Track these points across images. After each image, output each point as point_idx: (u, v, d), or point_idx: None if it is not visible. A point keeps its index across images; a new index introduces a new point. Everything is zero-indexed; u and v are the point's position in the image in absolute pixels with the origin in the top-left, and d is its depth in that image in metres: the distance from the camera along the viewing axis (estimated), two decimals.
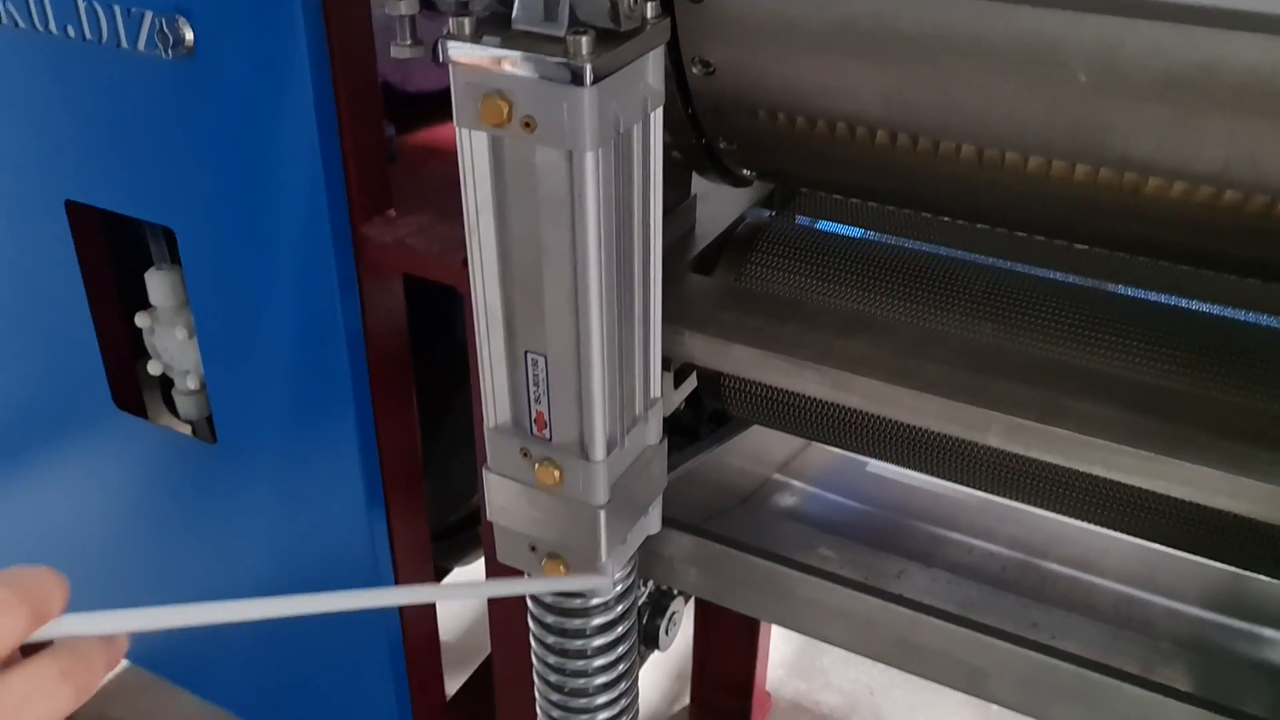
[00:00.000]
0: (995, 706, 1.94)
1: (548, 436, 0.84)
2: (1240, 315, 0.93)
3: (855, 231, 1.13)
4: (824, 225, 1.14)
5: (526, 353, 0.82)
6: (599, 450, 0.83)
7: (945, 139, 0.82)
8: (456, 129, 0.74)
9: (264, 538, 1.29)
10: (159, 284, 1.22)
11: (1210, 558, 1.01)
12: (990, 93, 0.77)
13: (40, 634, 0.50)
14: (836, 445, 1.12)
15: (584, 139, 0.70)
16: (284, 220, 1.04)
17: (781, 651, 1.99)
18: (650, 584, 1.16)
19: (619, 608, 0.98)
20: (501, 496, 0.89)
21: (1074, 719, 0.93)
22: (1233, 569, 1.13)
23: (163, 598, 1.48)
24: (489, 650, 1.31)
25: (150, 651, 1.57)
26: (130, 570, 1.48)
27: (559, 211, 0.74)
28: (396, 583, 1.27)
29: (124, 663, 1.92)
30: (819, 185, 1.06)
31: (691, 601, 1.77)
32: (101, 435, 1.36)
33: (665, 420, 0.99)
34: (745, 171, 1.00)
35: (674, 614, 1.19)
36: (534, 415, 0.84)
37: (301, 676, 1.41)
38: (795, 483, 1.34)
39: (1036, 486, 0.99)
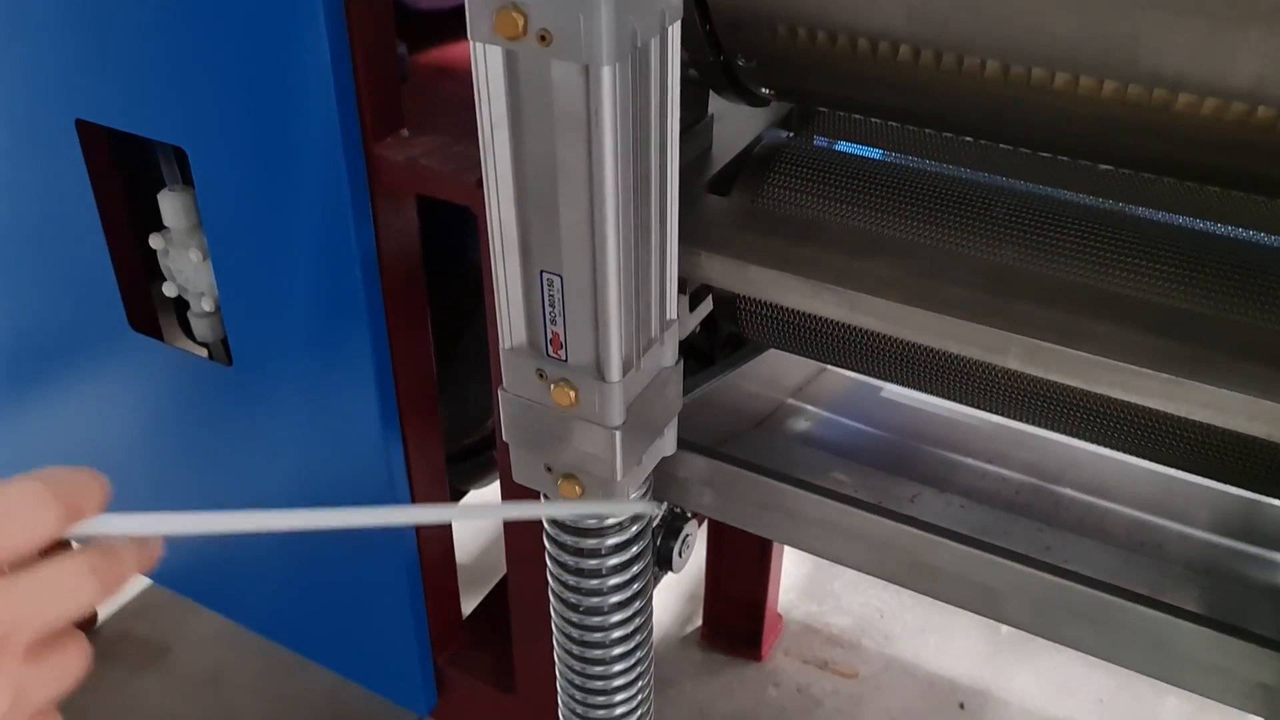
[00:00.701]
0: (1004, 628, 1.96)
1: (563, 357, 0.84)
2: (1265, 239, 0.92)
3: (875, 153, 1.11)
4: (843, 146, 1.12)
5: (542, 273, 0.81)
6: (615, 371, 0.83)
7: (970, 55, 0.80)
8: (471, 43, 0.73)
9: (281, 460, 1.30)
10: (172, 205, 1.21)
11: (1227, 482, 1.01)
12: (1017, 5, 0.75)
13: (73, 531, 0.51)
14: (853, 369, 1.12)
15: (600, 52, 0.69)
16: (296, 140, 1.03)
17: (793, 575, 2.01)
18: (664, 506, 1.16)
19: (634, 528, 0.98)
20: (517, 418, 0.89)
21: (1085, 640, 0.94)
22: (1247, 494, 1.13)
23: (172, 509, 1.49)
24: (505, 571, 1.32)
25: (173, 570, 1.59)
26: (147, 494, 1.49)
27: (575, 128, 0.73)
28: (414, 503, 1.28)
29: (146, 581, 1.96)
30: (839, 104, 1.04)
31: (704, 524, 1.79)
32: (117, 358, 1.36)
33: (681, 344, 0.98)
34: (763, 90, 0.98)
35: (687, 536, 1.19)
36: (550, 336, 0.84)
37: (321, 595, 1.43)
38: (809, 407, 1.34)
39: (1055, 410, 0.99)
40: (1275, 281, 0.86)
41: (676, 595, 2.00)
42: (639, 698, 1.11)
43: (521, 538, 1.21)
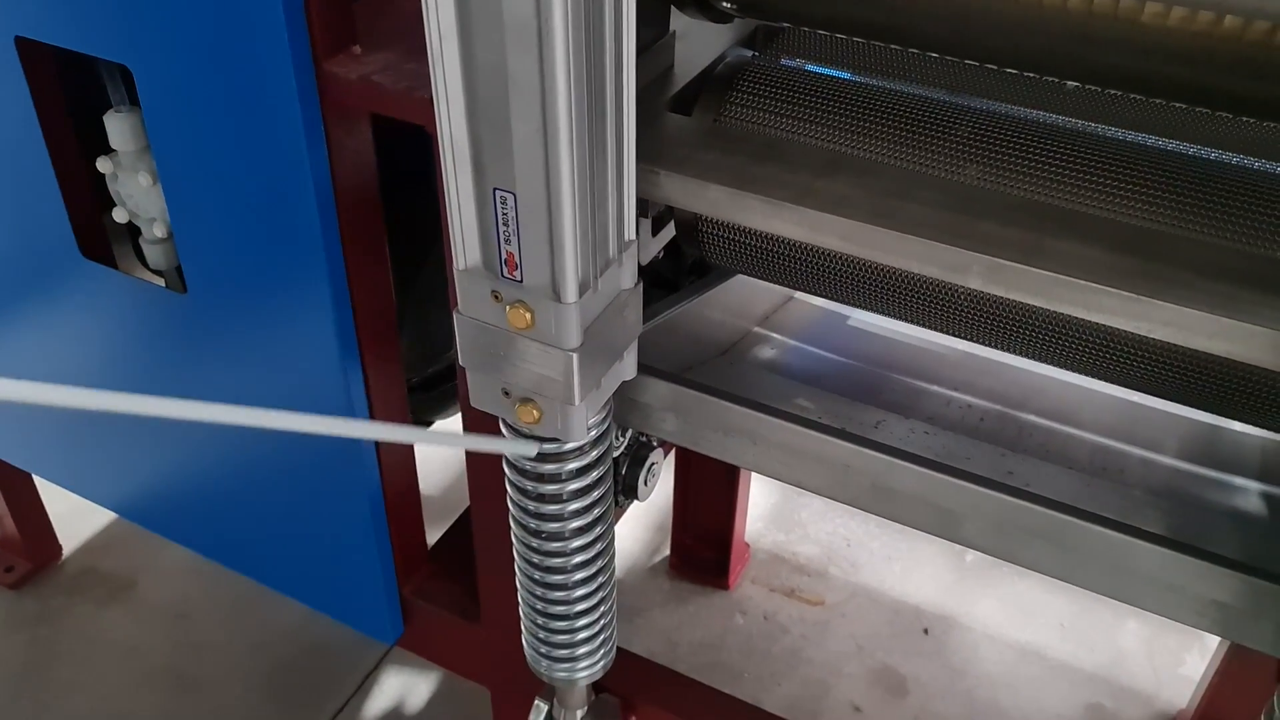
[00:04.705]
0: (970, 556, 1.99)
1: (519, 278, 0.82)
2: (1229, 158, 0.91)
3: (840, 73, 1.09)
4: (808, 66, 1.10)
5: (495, 190, 0.79)
6: (570, 292, 0.81)
7: None
8: None
9: (239, 390, 1.28)
10: (118, 126, 1.17)
11: (1188, 404, 1.01)
12: None
13: None
14: (816, 293, 1.11)
15: None
16: (243, 57, 0.99)
17: (761, 504, 2.02)
18: (629, 435, 1.16)
19: (593, 454, 0.98)
20: (473, 340, 0.88)
21: (1043, 560, 0.94)
22: (1209, 420, 1.14)
23: (138, 450, 1.47)
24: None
25: (138, 505, 1.57)
26: (105, 424, 1.47)
27: (526, 37, 0.71)
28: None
29: (111, 515, 1.95)
30: (801, 19, 1.02)
31: (672, 455, 1.79)
32: (69, 287, 1.33)
33: (645, 271, 0.96)
34: (725, 4, 0.95)
35: (653, 464, 1.19)
36: (504, 256, 0.82)
37: (286, 527, 1.42)
38: (776, 336, 1.33)
39: (1019, 332, 0.98)
40: (1238, 199, 0.86)
41: (644, 525, 2.00)
42: (601, 623, 1.11)
43: (484, 466, 1.20)
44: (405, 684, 1.77)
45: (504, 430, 0.98)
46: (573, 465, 0.97)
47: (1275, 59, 0.75)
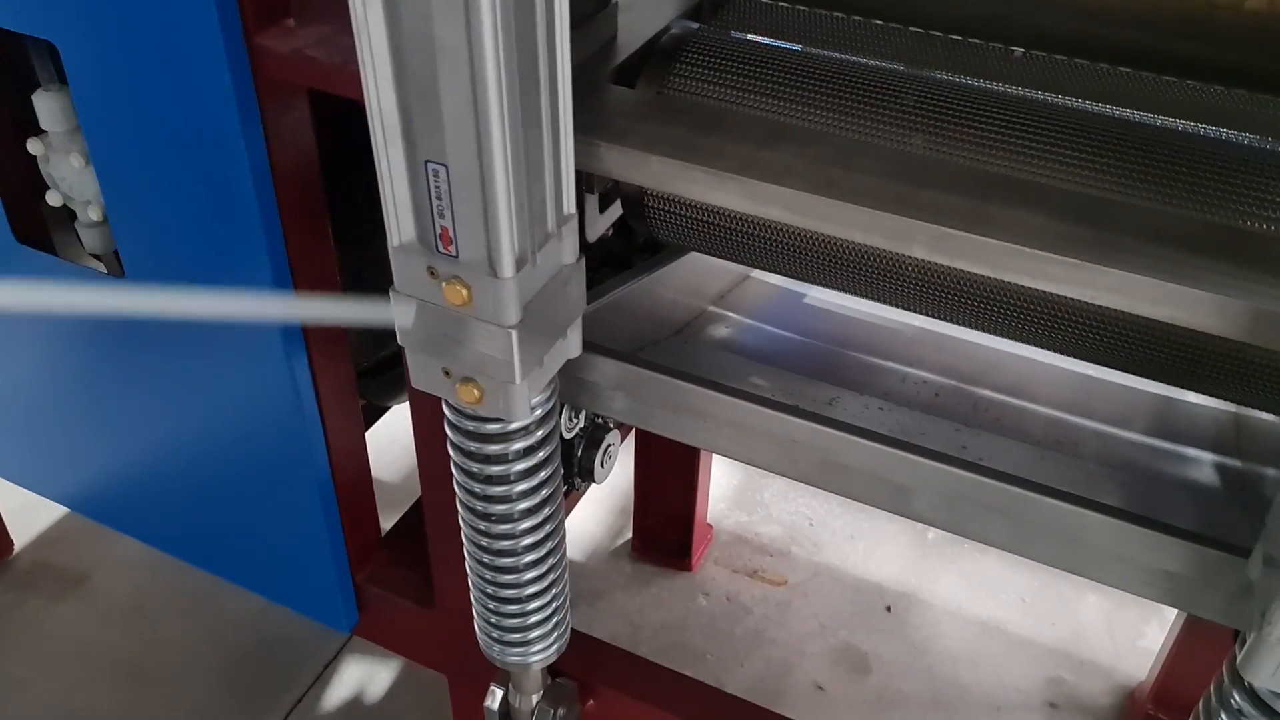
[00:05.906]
0: (931, 533, 1.99)
1: (454, 253, 0.80)
2: (1173, 124, 0.90)
3: (786, 44, 1.07)
4: (754, 38, 1.08)
5: (427, 163, 0.77)
6: (507, 267, 0.79)
7: None
8: None
9: (182, 374, 1.25)
10: (48, 106, 1.14)
11: (1143, 375, 1.00)
12: None
13: None
14: (762, 267, 1.10)
15: None
16: (171, 30, 0.96)
17: (723, 485, 2.01)
18: (584, 417, 1.14)
19: (539, 433, 0.96)
20: (411, 319, 0.85)
21: (995, 534, 0.93)
22: (1162, 393, 1.13)
23: (89, 444, 1.43)
24: None
25: (90, 499, 1.54)
26: (50, 411, 1.44)
27: (452, 2, 0.68)
28: (323, 422, 1.24)
29: (63, 509, 1.91)
30: None
31: (632, 436, 1.77)
32: (5, 272, 1.29)
33: (595, 250, 0.94)
34: None
35: (609, 446, 1.18)
36: (439, 231, 0.80)
37: (238, 518, 1.40)
38: (730, 314, 1.31)
39: (972, 305, 0.97)
40: (1184, 165, 0.85)
41: (606, 508, 1.99)
42: (553, 606, 1.09)
43: (434, 451, 1.18)
44: (364, 673, 1.75)
45: (446, 411, 0.96)
46: (518, 445, 0.95)
47: (1220, 20, 0.74)
